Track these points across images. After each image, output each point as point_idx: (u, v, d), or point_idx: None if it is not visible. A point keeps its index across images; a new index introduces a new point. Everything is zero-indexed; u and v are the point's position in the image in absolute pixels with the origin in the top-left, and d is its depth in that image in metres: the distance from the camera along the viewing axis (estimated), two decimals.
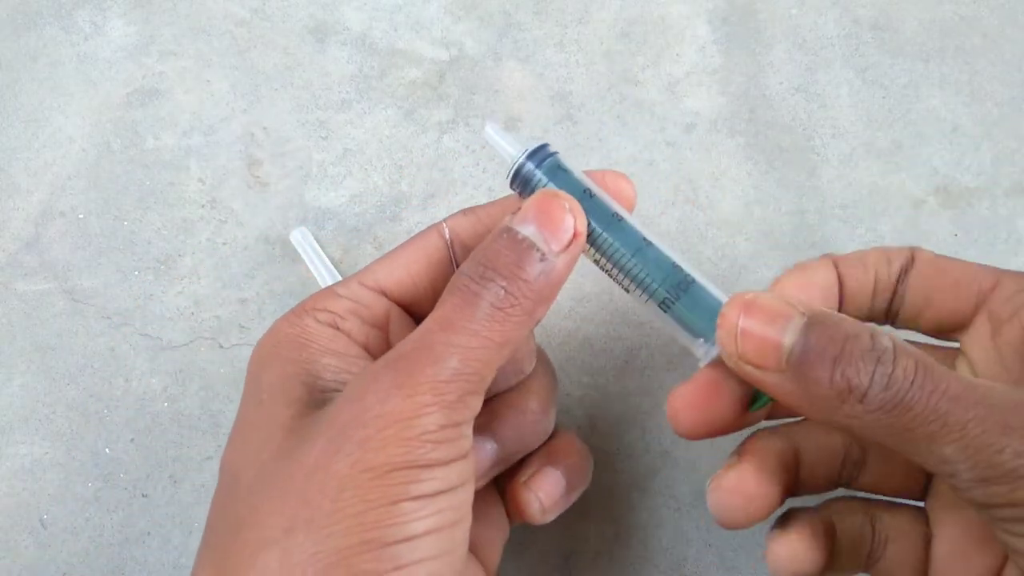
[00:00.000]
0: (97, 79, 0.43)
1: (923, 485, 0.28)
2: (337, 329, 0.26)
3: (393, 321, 0.27)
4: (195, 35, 0.44)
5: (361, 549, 0.20)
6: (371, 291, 0.27)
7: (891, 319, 0.28)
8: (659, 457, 0.37)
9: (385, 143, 0.42)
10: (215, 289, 0.39)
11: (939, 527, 0.26)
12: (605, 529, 0.36)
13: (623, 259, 0.26)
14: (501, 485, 0.29)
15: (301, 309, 0.27)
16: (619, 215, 0.26)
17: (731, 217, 0.40)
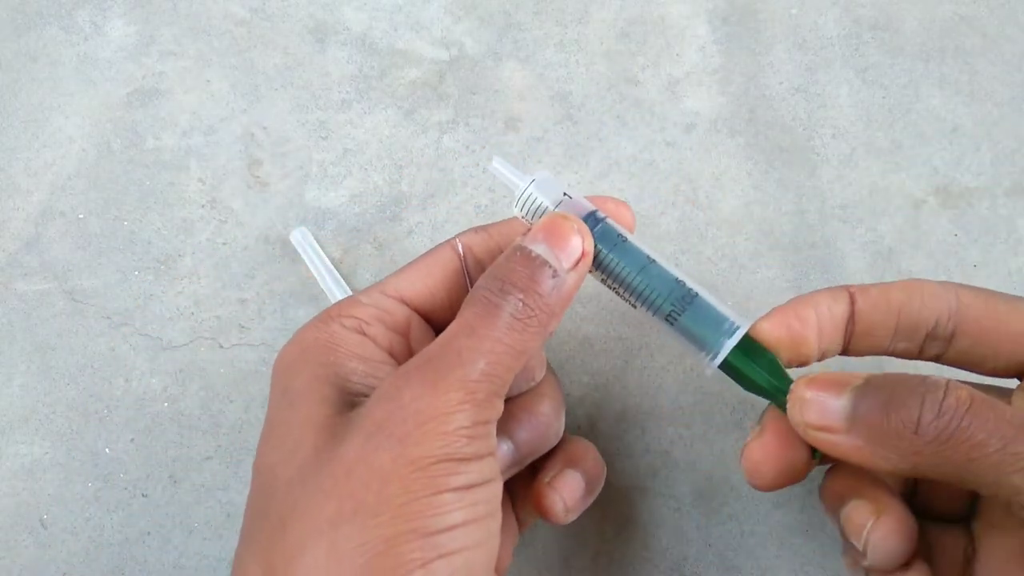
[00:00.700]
0: (97, 79, 0.43)
1: (967, 506, 0.28)
2: (363, 335, 0.27)
3: (414, 328, 0.29)
4: (195, 35, 0.44)
5: (407, 538, 0.22)
6: (393, 299, 0.29)
7: (935, 359, 0.28)
8: (659, 457, 0.37)
9: (385, 143, 0.42)
10: (215, 289, 0.39)
11: (985, 547, 0.27)
12: (605, 529, 0.36)
13: (629, 276, 0.27)
14: (512, 490, 0.30)
15: (327, 316, 0.28)
16: (624, 236, 0.28)
17: (731, 217, 0.40)
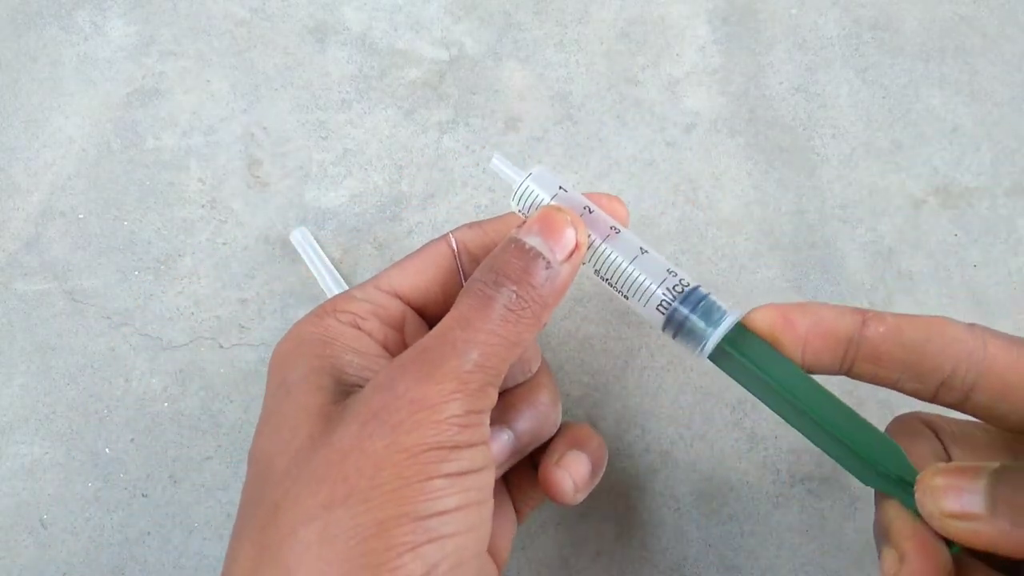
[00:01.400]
0: (97, 79, 0.43)
1: None
2: (359, 329, 0.28)
3: (408, 322, 0.29)
4: (195, 35, 0.44)
5: (399, 522, 0.22)
6: (387, 294, 0.29)
7: (951, 407, 0.27)
8: (659, 457, 0.37)
9: (385, 143, 0.42)
10: (215, 289, 0.39)
11: None
12: (605, 529, 0.36)
13: (621, 266, 0.27)
14: (511, 481, 0.30)
15: (322, 311, 0.28)
16: (616, 228, 0.28)
17: (731, 217, 0.40)
